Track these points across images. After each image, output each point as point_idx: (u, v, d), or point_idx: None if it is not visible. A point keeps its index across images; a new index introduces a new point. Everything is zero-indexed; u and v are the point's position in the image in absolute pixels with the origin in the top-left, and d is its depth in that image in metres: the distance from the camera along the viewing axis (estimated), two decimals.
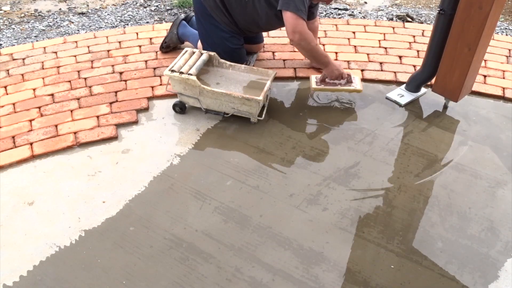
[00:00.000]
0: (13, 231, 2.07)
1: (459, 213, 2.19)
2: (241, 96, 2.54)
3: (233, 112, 2.64)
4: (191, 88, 2.60)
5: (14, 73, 3.04)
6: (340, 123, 2.70)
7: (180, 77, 2.56)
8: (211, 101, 2.64)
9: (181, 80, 2.58)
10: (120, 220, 2.12)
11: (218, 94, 2.57)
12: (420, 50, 3.34)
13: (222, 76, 2.81)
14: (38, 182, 2.30)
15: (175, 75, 2.57)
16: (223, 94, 2.56)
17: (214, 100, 2.62)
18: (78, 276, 1.89)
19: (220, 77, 2.80)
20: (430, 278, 1.92)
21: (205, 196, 2.24)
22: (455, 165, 2.45)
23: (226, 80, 2.78)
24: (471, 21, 2.39)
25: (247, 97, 2.54)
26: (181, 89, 2.65)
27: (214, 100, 2.62)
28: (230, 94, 2.55)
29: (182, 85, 2.62)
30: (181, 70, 2.58)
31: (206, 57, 2.75)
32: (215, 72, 2.83)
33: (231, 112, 2.65)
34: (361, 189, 2.30)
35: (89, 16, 3.94)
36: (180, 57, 2.71)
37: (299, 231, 2.09)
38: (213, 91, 2.57)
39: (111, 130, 2.59)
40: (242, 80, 2.78)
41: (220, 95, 2.58)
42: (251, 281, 1.88)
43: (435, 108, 2.83)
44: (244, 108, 2.60)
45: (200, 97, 2.62)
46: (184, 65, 2.63)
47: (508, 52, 3.37)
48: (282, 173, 2.37)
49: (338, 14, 4.01)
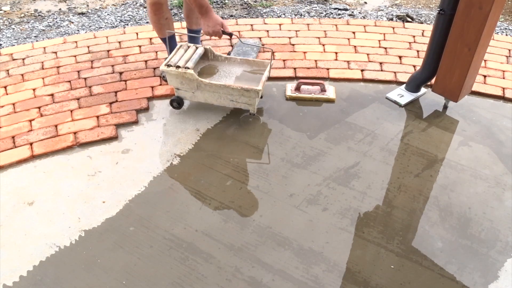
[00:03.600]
0: (13, 231, 2.07)
1: (459, 213, 2.19)
2: (240, 88, 2.51)
3: (231, 105, 2.62)
4: (189, 82, 2.57)
5: (14, 73, 3.04)
6: (340, 123, 2.70)
7: (177, 71, 2.52)
8: (209, 95, 2.61)
9: (177, 74, 2.55)
10: (120, 220, 2.12)
11: (217, 86, 2.55)
12: (420, 50, 3.34)
13: (218, 69, 2.78)
14: (38, 182, 2.30)
15: (172, 69, 2.53)
16: (222, 86, 2.54)
17: (212, 93, 2.59)
18: (78, 276, 1.89)
19: (216, 71, 2.77)
20: (430, 278, 1.92)
21: (205, 196, 2.24)
22: (455, 165, 2.45)
23: (222, 73, 2.75)
24: (471, 21, 2.39)
25: (246, 88, 2.50)
26: (178, 84, 2.62)
27: (212, 94, 2.59)
28: (228, 86, 2.52)
29: (179, 79, 2.58)
30: (178, 64, 2.55)
31: (201, 51, 2.72)
32: (211, 66, 2.80)
33: (229, 105, 2.62)
34: (361, 189, 2.30)
35: (89, 16, 3.94)
36: (175, 52, 2.67)
37: (299, 231, 2.09)
38: (211, 84, 2.54)
39: (111, 130, 2.59)
40: (239, 72, 2.75)
41: (219, 88, 2.55)
42: (251, 281, 1.88)
43: (435, 108, 2.84)
44: (243, 99, 2.57)
45: (197, 91, 2.60)
46: (180, 59, 2.60)
47: (508, 52, 3.37)
48: (282, 173, 2.37)
49: (338, 14, 4.01)
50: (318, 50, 3.31)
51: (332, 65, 3.16)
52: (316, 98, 2.86)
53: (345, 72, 3.11)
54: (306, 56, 3.24)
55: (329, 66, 3.15)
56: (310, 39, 3.42)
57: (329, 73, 3.09)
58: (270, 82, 3.01)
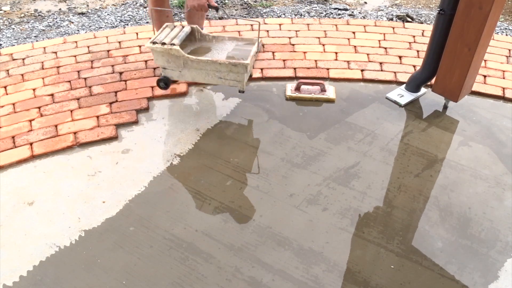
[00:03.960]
0: (13, 231, 2.07)
1: (459, 213, 2.20)
2: (228, 62, 2.46)
3: (220, 83, 2.57)
4: (175, 59, 2.52)
5: (14, 73, 3.04)
6: (340, 123, 2.70)
7: (163, 48, 2.47)
8: (196, 73, 2.56)
9: (163, 51, 2.50)
10: (120, 220, 2.12)
11: (203, 63, 2.50)
12: (420, 50, 3.34)
13: (205, 48, 2.74)
14: (38, 182, 2.30)
15: (157, 46, 2.48)
16: (209, 62, 2.49)
17: (199, 70, 2.54)
18: (78, 276, 1.89)
19: (203, 50, 2.73)
20: (430, 278, 1.92)
21: (205, 196, 2.24)
22: (455, 165, 2.45)
23: (210, 52, 2.70)
24: (471, 21, 2.39)
25: (234, 63, 2.46)
26: (164, 62, 2.57)
27: (199, 71, 2.54)
28: (215, 61, 2.47)
29: (165, 57, 2.53)
30: (164, 41, 2.50)
31: (188, 29, 2.68)
32: (198, 46, 2.76)
33: (218, 83, 2.57)
34: (361, 189, 2.30)
35: (89, 16, 3.94)
36: (161, 31, 2.64)
37: (299, 231, 2.09)
38: (198, 60, 2.49)
39: (111, 130, 2.59)
40: (227, 50, 2.70)
41: (205, 64, 2.50)
42: (251, 281, 1.88)
43: (435, 108, 2.84)
44: (231, 76, 2.52)
45: (184, 70, 2.55)
46: (166, 37, 2.55)
47: (508, 52, 3.37)
48: (282, 173, 2.37)
49: (338, 14, 4.01)
50: (318, 50, 3.31)
51: (332, 65, 3.16)
52: (316, 98, 2.86)
53: (345, 72, 3.11)
54: (306, 56, 3.24)
55: (329, 66, 3.15)
56: (310, 39, 3.42)
57: (329, 73, 3.09)
58: (270, 82, 3.02)
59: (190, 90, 2.92)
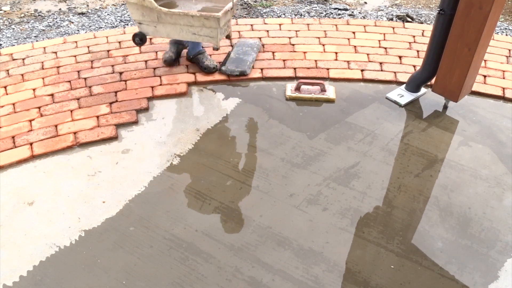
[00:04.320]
0: (13, 231, 2.07)
1: (459, 213, 2.19)
2: (200, 15, 2.49)
3: (194, 39, 2.59)
4: (149, 13, 2.56)
5: (14, 73, 3.04)
6: (340, 123, 2.70)
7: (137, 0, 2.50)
8: (170, 28, 2.59)
9: (137, 3, 2.53)
10: (120, 220, 2.12)
11: (176, 16, 2.53)
12: (420, 50, 3.34)
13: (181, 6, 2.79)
14: (38, 182, 2.30)
15: None
16: (181, 14, 2.52)
17: (174, 25, 2.57)
18: (78, 276, 1.89)
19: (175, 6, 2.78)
20: (430, 278, 1.92)
21: (205, 196, 2.24)
22: (455, 165, 2.45)
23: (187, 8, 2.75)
24: (471, 21, 2.39)
25: (206, 15, 2.49)
26: (139, 16, 2.60)
27: (174, 26, 2.57)
28: (188, 14, 2.50)
29: (140, 11, 2.57)
30: None
31: None
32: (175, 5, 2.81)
33: (192, 39, 2.60)
34: (361, 189, 2.30)
35: (89, 16, 3.94)
36: None
37: (299, 231, 2.09)
38: (171, 13, 2.52)
39: (111, 130, 2.59)
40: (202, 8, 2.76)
41: (179, 17, 2.53)
42: (251, 281, 1.88)
43: (435, 108, 2.84)
44: (204, 31, 2.55)
45: (159, 25, 2.58)
46: None
47: (508, 52, 3.37)
48: (282, 173, 2.37)
49: (338, 14, 4.01)
50: (318, 50, 3.31)
51: (332, 65, 3.16)
52: (316, 98, 2.86)
53: (345, 72, 3.11)
54: (306, 56, 3.24)
55: (329, 66, 3.15)
56: (310, 39, 3.42)
57: (329, 73, 3.09)
58: (270, 82, 3.02)
59: (190, 90, 2.92)
